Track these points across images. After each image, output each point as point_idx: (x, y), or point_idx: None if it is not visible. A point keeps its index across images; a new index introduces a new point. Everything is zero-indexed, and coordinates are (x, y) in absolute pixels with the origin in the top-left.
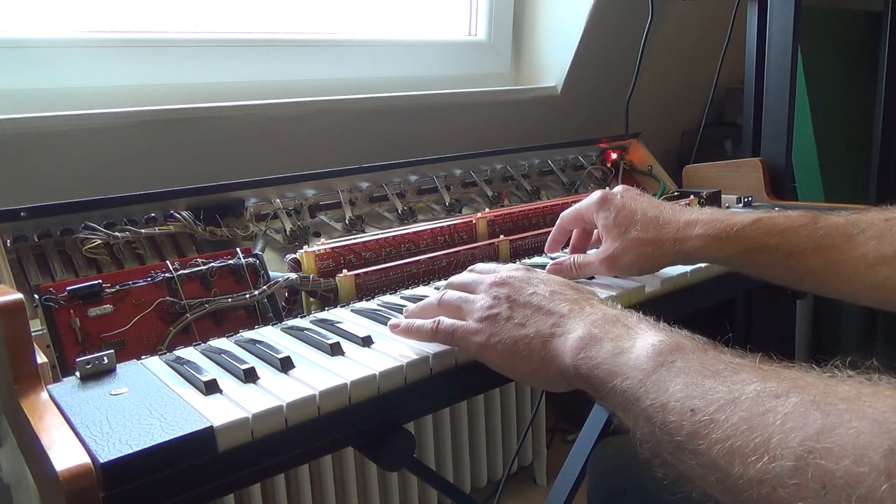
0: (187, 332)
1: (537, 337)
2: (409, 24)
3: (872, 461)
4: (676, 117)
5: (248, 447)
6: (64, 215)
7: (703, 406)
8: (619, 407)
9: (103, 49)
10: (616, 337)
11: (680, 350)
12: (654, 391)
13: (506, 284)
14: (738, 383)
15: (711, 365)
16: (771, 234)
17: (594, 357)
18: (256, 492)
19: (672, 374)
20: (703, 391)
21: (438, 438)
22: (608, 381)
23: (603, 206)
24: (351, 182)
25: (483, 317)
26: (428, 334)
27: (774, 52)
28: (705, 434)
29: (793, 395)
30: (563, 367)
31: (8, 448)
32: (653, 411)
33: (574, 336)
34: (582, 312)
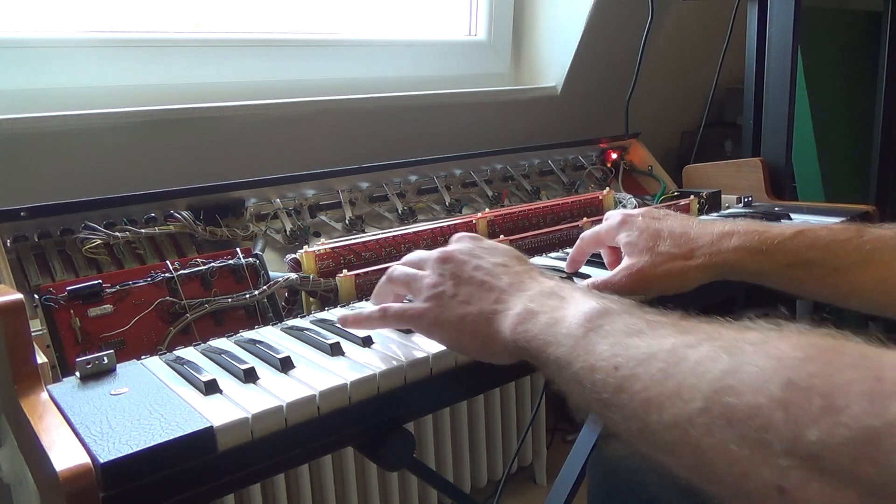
0: (187, 332)
1: (481, 315)
2: (409, 24)
3: (771, 392)
4: (676, 117)
5: (248, 447)
6: (64, 215)
7: (625, 362)
8: (555, 374)
9: (103, 49)
10: (551, 308)
11: (608, 314)
12: (584, 354)
13: (450, 260)
14: (658, 338)
15: (635, 325)
16: (814, 248)
17: (531, 329)
18: (256, 492)
19: (600, 337)
20: (626, 349)
21: (438, 438)
22: (543, 350)
23: (624, 227)
24: (351, 182)
25: (429, 296)
26: (377, 321)
27: (774, 52)
28: (627, 387)
29: (705, 344)
30: (504, 341)
31: (8, 448)
32: (582, 373)
33: (513, 312)
34: (521, 287)
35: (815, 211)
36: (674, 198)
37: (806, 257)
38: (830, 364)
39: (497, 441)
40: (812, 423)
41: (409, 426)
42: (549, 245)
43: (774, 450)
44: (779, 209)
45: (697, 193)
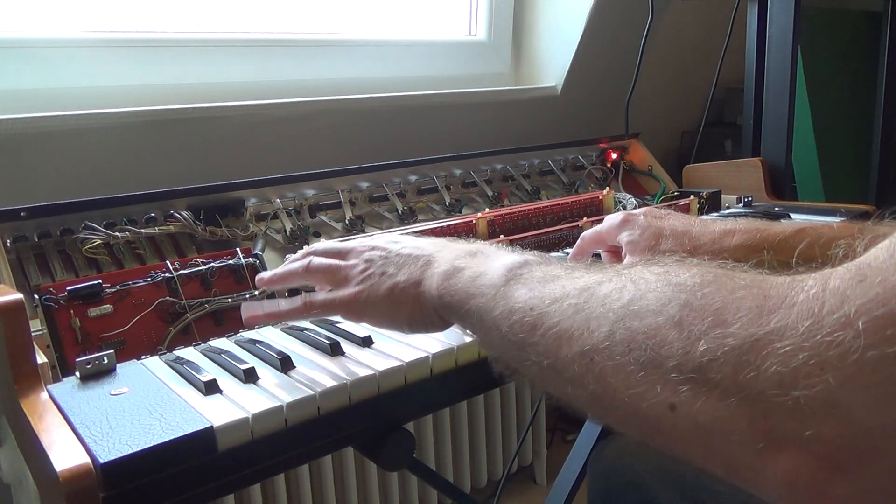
0: (187, 332)
1: (409, 280)
2: (409, 24)
3: (668, 313)
4: (676, 117)
5: (248, 447)
6: (64, 215)
7: (538, 304)
8: (476, 324)
9: (103, 49)
10: (476, 265)
11: (527, 265)
12: (503, 300)
13: (376, 248)
14: (571, 280)
15: (551, 271)
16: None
17: (455, 284)
18: (256, 492)
19: (519, 285)
20: (542, 292)
21: (438, 438)
22: (466, 302)
23: (625, 226)
24: (351, 182)
25: (360, 279)
26: (300, 312)
27: (774, 52)
28: (540, 325)
29: (615, 280)
30: (432, 301)
31: (8, 448)
32: (501, 319)
33: (439, 271)
34: (446, 249)
35: (815, 211)
36: (674, 198)
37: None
38: (724, 286)
39: (497, 441)
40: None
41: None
42: (549, 245)
43: (667, 367)
44: (779, 209)
45: (697, 193)
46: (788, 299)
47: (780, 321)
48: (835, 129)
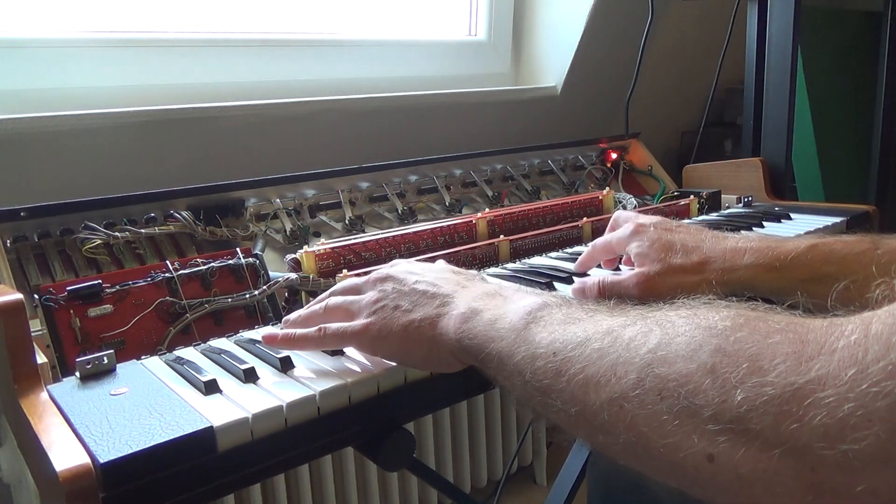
0: (187, 332)
1: (425, 320)
2: (409, 24)
3: (701, 359)
4: (676, 117)
5: (248, 447)
6: (64, 215)
7: (562, 348)
8: (497, 369)
9: (103, 49)
10: (494, 307)
11: (547, 307)
12: (525, 345)
13: (389, 279)
14: (594, 323)
15: (573, 314)
16: (829, 262)
17: (474, 328)
18: (256, 492)
19: (540, 328)
20: (565, 335)
21: (438, 438)
22: (486, 346)
23: (635, 237)
24: (351, 182)
25: (372, 311)
26: (315, 341)
27: (774, 52)
28: (565, 371)
29: (639, 322)
30: (449, 343)
31: (8, 448)
32: (524, 364)
33: (456, 312)
34: (465, 291)
35: (815, 211)
36: (674, 198)
37: (821, 272)
38: (757, 330)
39: (497, 441)
40: (739, 386)
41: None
42: (549, 245)
43: (703, 416)
44: (779, 209)
45: (697, 193)
46: (828, 345)
47: (821, 369)
48: (835, 129)
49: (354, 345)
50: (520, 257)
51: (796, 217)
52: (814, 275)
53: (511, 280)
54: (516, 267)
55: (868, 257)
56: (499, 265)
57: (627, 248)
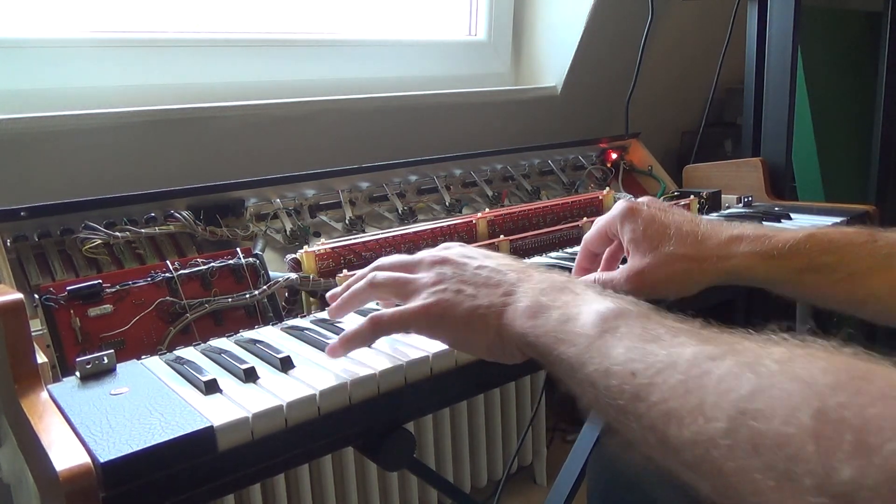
0: (187, 331)
1: (491, 308)
2: (409, 24)
3: (801, 422)
4: (676, 117)
5: (248, 447)
6: (64, 215)
7: (643, 369)
8: (565, 373)
9: (103, 49)
10: (563, 304)
11: (624, 315)
12: (598, 357)
13: (447, 261)
14: (677, 346)
15: (653, 329)
16: (827, 252)
17: (542, 325)
18: (256, 492)
19: (615, 340)
20: (644, 354)
21: (438, 438)
22: (555, 347)
23: (629, 217)
24: (351, 182)
25: (432, 292)
26: (370, 333)
27: (774, 52)
28: (645, 396)
29: (728, 358)
30: (514, 335)
31: (8, 448)
32: (597, 376)
33: (523, 305)
34: (530, 280)
35: (815, 211)
36: (674, 198)
37: (818, 262)
38: (861, 393)
39: (497, 441)
40: (845, 461)
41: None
42: (549, 245)
43: (804, 485)
44: (779, 209)
45: (697, 193)
46: None
47: None
48: (835, 129)
49: (412, 327)
50: (520, 257)
51: (796, 217)
52: (811, 264)
53: None
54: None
55: (866, 249)
56: None
57: (620, 232)
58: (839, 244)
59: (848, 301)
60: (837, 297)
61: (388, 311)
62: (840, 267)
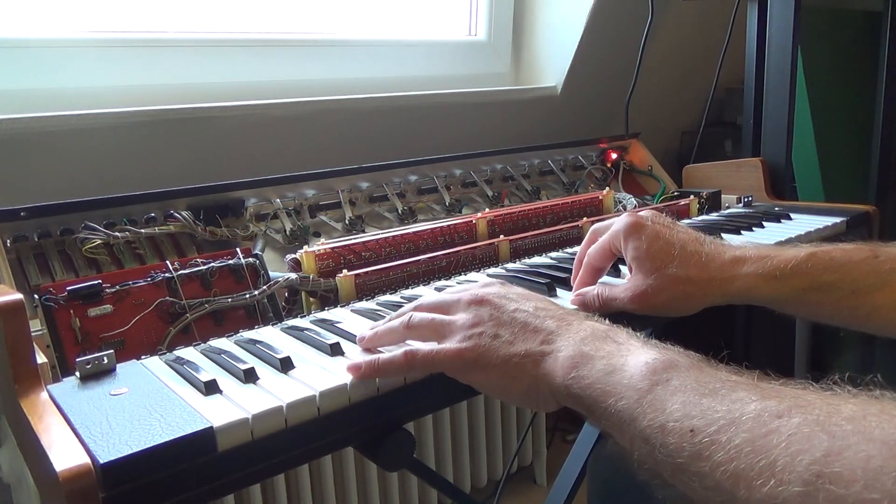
0: (187, 332)
1: (528, 356)
2: (409, 24)
3: (885, 487)
4: (676, 117)
5: (248, 447)
6: (64, 215)
7: (703, 426)
8: (614, 427)
9: (103, 49)
10: (607, 354)
11: (674, 367)
12: (651, 411)
13: (485, 302)
14: (738, 402)
15: (708, 383)
16: (829, 270)
17: (586, 376)
18: (256, 492)
19: (668, 393)
20: (702, 410)
21: (438, 438)
22: (602, 400)
23: (633, 233)
24: (351, 182)
25: (467, 335)
26: (402, 367)
27: (774, 52)
28: (707, 456)
29: (795, 415)
30: (554, 386)
31: (8, 448)
32: (650, 432)
33: (564, 354)
34: (570, 328)
35: (815, 211)
36: (674, 198)
37: (821, 280)
38: None
39: (497, 441)
40: None
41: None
42: (549, 245)
43: None
44: (779, 209)
45: (697, 193)
46: None
47: None
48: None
49: (446, 369)
50: (520, 257)
51: (796, 217)
52: (814, 283)
53: (511, 280)
54: (516, 267)
55: (868, 266)
56: (499, 265)
57: (624, 249)
58: (840, 262)
59: (852, 318)
60: (841, 315)
61: (424, 349)
62: (842, 285)
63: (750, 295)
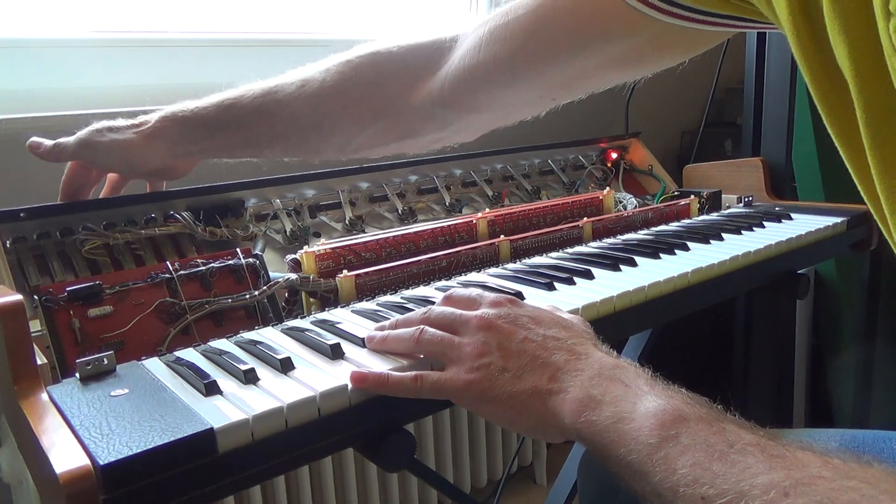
0: (187, 332)
1: (535, 394)
2: (409, 23)
3: None
4: (676, 117)
5: (249, 449)
6: (64, 215)
7: (713, 496)
8: (627, 476)
9: (104, 49)
10: (615, 399)
11: (683, 422)
12: (662, 470)
13: (493, 328)
14: (746, 471)
15: (716, 444)
16: None
17: (595, 423)
18: (256, 493)
19: (678, 452)
20: (712, 477)
21: (438, 438)
22: (612, 449)
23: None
24: (351, 182)
25: (474, 367)
26: (410, 390)
27: (774, 52)
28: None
29: (803, 492)
30: (563, 426)
31: (8, 449)
32: (662, 490)
33: (572, 397)
34: (578, 363)
35: (815, 211)
36: (674, 197)
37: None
38: None
39: (497, 441)
40: None
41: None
42: (549, 245)
43: None
44: (779, 209)
45: (698, 193)
46: None
47: None
48: None
49: (454, 399)
50: (520, 257)
51: (797, 217)
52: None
53: (511, 280)
54: (516, 267)
55: None
56: (499, 265)
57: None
58: None
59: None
60: None
61: (434, 376)
62: None
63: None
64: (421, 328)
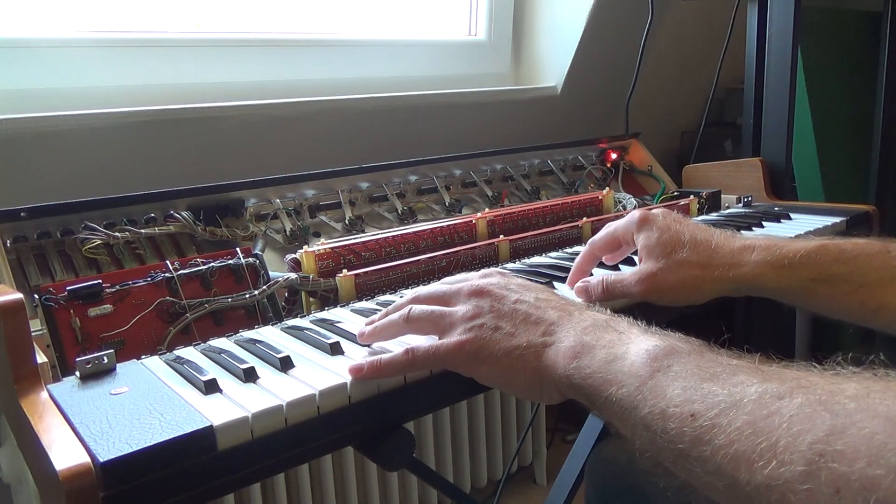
0: (187, 331)
1: (529, 347)
2: (409, 24)
3: (889, 463)
4: (676, 117)
5: (248, 446)
6: (64, 215)
7: (703, 410)
8: (616, 416)
9: (103, 49)
10: (608, 343)
11: (675, 354)
12: (652, 398)
13: (485, 293)
14: (739, 385)
15: (709, 367)
16: (839, 262)
17: (587, 366)
18: (256, 491)
19: (669, 379)
20: (703, 395)
21: (438, 438)
22: (603, 390)
23: (645, 224)
24: (351, 182)
25: (468, 328)
26: (404, 365)
27: (774, 52)
28: (708, 440)
29: (797, 396)
30: (556, 377)
31: (8, 448)
32: (651, 419)
33: (565, 345)
34: (571, 318)
35: (815, 211)
36: (674, 198)
37: (830, 272)
38: None
39: (497, 441)
40: None
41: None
42: (549, 245)
43: None
44: (779, 209)
45: (697, 193)
46: None
47: None
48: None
49: (448, 364)
50: (520, 257)
51: (796, 217)
52: (822, 274)
53: None
54: (516, 267)
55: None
56: (499, 265)
57: (636, 237)
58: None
59: (860, 312)
60: (849, 308)
61: (424, 346)
62: (852, 278)
63: (758, 283)
64: (409, 307)
